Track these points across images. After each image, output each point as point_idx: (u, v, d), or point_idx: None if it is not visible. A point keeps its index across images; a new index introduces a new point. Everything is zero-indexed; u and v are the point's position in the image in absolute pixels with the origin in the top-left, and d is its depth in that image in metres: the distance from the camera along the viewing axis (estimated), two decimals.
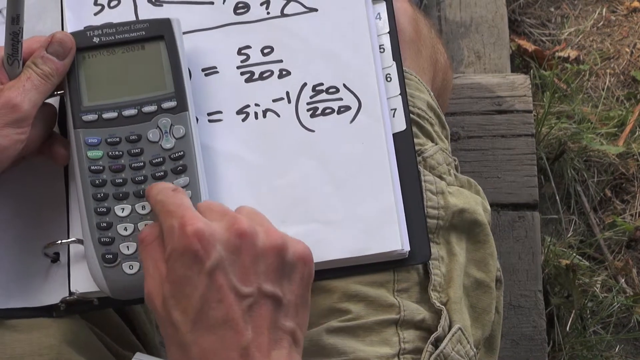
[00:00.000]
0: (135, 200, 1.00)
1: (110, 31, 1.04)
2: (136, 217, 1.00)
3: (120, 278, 0.99)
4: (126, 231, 1.00)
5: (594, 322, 1.75)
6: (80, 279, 1.02)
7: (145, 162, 1.01)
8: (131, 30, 1.04)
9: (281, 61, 1.08)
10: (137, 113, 1.02)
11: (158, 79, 1.03)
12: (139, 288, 0.97)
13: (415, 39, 1.20)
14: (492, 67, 1.86)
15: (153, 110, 1.02)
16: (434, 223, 1.09)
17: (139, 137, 1.01)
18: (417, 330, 1.06)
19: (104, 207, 1.00)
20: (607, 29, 2.08)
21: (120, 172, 1.01)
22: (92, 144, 1.01)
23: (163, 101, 1.02)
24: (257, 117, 1.07)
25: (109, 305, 1.06)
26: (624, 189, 1.90)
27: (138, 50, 1.04)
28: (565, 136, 1.88)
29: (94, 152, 1.01)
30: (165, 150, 1.01)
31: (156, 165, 1.01)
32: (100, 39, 1.04)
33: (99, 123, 1.02)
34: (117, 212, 1.00)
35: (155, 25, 1.04)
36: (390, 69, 1.09)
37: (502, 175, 1.61)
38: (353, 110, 1.07)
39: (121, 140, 1.01)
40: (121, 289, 0.99)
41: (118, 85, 1.03)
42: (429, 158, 1.12)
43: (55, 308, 1.04)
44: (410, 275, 1.07)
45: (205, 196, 1.01)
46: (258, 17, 1.10)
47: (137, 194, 1.00)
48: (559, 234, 1.84)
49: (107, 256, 0.99)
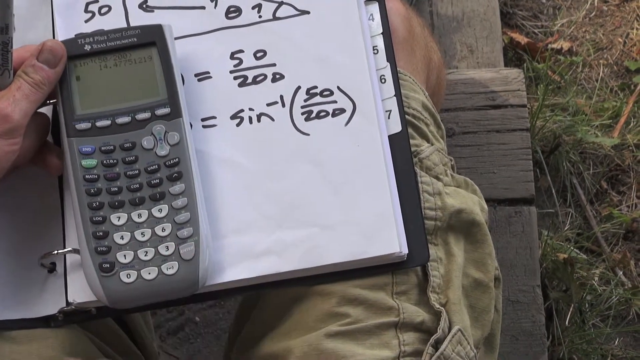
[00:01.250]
0: (131, 208, 1.00)
1: (102, 38, 1.03)
2: (132, 225, 1.00)
3: (118, 287, 0.98)
4: (122, 240, 0.99)
5: (593, 316, 1.75)
6: (77, 289, 1.02)
7: (140, 169, 1.01)
8: (123, 37, 1.03)
9: (274, 65, 1.08)
10: (130, 120, 1.02)
11: (151, 85, 1.03)
12: (137, 297, 0.97)
13: (408, 39, 1.19)
14: (485, 60, 1.86)
15: (147, 117, 1.02)
16: (432, 224, 1.09)
17: (133, 145, 1.01)
18: (417, 332, 1.06)
19: (100, 216, 0.99)
20: (599, 20, 2.07)
21: (115, 180, 1.00)
22: (86, 153, 1.01)
23: (156, 108, 1.02)
24: (251, 122, 1.06)
25: (107, 315, 1.06)
26: (620, 181, 1.90)
27: (130, 57, 1.04)
28: (560, 129, 1.87)
29: (88, 160, 1.01)
30: (160, 158, 1.01)
31: (151, 172, 1.00)
32: (92, 46, 1.03)
33: (92, 131, 1.01)
34: (113, 220, 1.00)
35: (146, 32, 1.04)
36: (385, 70, 1.09)
37: (498, 171, 1.61)
38: (348, 113, 1.06)
39: (115, 148, 1.01)
40: (119, 298, 0.99)
41: (111, 92, 1.03)
42: (425, 159, 1.12)
43: (53, 318, 1.03)
44: (408, 277, 1.07)
45: (201, 202, 1.01)
46: (250, 21, 1.09)
47: (133, 202, 1.00)
48: (556, 227, 1.83)
49: (104, 265, 0.99)
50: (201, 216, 1.00)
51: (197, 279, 0.99)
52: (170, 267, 0.99)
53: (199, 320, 1.63)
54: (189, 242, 0.99)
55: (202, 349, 1.62)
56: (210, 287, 1.02)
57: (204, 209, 1.01)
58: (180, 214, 1.00)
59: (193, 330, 1.63)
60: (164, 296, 0.99)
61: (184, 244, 0.99)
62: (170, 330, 1.62)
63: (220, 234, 1.02)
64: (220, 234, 1.02)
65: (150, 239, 0.99)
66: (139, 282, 0.98)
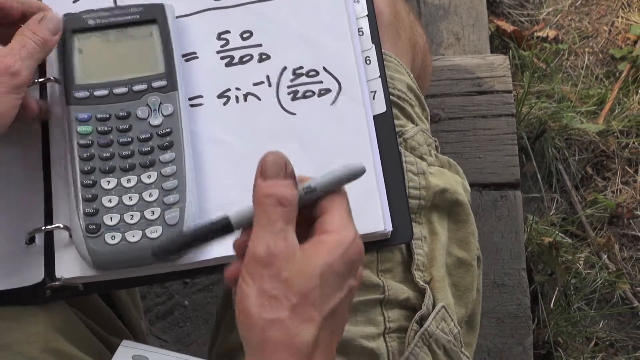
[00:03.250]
0: (121, 174, 1.02)
1: (105, 14, 1.07)
2: (121, 190, 1.02)
3: (102, 248, 1.00)
4: (110, 203, 1.01)
5: (578, 299, 1.76)
6: (64, 265, 1.03)
7: (133, 137, 1.03)
8: (125, 13, 1.07)
9: (260, 45, 1.09)
10: (127, 91, 1.04)
11: (150, 60, 1.05)
12: (120, 259, 0.99)
13: (393, 22, 1.20)
14: (472, 48, 1.87)
15: (143, 88, 1.04)
16: (416, 203, 1.10)
17: (128, 114, 1.04)
18: (402, 309, 1.07)
19: (90, 180, 1.02)
20: (585, 8, 2.08)
21: (108, 146, 1.03)
22: (83, 120, 1.03)
23: (153, 80, 1.04)
24: (237, 101, 1.07)
25: (94, 291, 1.07)
26: (605, 167, 1.92)
27: (131, 33, 1.06)
28: (546, 115, 1.89)
29: (83, 127, 1.03)
30: (153, 127, 1.03)
31: (143, 141, 1.03)
32: (95, 21, 1.06)
33: (90, 100, 1.04)
34: (102, 184, 1.02)
35: (149, 10, 1.07)
36: (370, 52, 1.10)
37: (484, 156, 1.62)
38: (333, 93, 1.07)
39: (111, 117, 1.04)
40: (102, 259, 1.01)
41: (111, 65, 1.06)
42: (409, 139, 1.13)
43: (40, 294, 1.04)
44: (393, 255, 1.08)
45: (190, 171, 1.02)
46: (237, 1, 1.10)
47: (124, 168, 1.02)
48: (541, 212, 1.85)
49: (90, 226, 1.01)
50: (189, 185, 1.02)
51: None
52: (154, 231, 1.00)
53: (188, 304, 1.64)
54: (174, 208, 1.01)
55: (191, 333, 1.62)
56: (195, 263, 1.03)
57: (192, 178, 1.02)
58: (168, 180, 1.02)
59: (182, 314, 1.63)
60: (146, 260, 1.01)
61: (169, 210, 1.01)
62: (159, 315, 1.63)
63: (207, 210, 1.03)
64: (207, 211, 1.03)
65: (137, 203, 1.01)
66: (123, 244, 1.00)
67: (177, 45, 1.06)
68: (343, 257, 0.83)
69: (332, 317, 0.83)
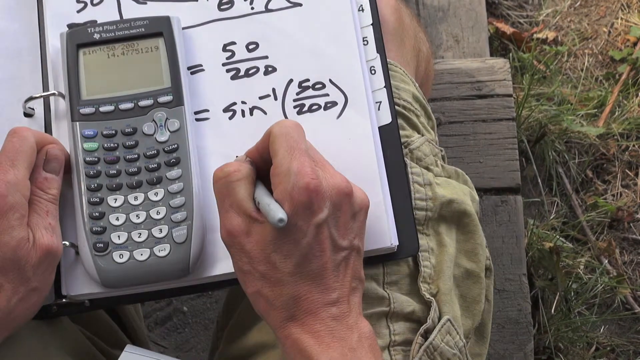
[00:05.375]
0: (128, 191, 1.01)
1: (111, 28, 1.06)
2: (128, 207, 1.01)
3: (110, 267, 1.00)
4: (118, 221, 1.01)
5: (579, 304, 1.76)
6: (71, 282, 1.02)
7: (139, 154, 1.02)
8: (131, 27, 1.06)
9: (267, 57, 1.08)
10: (133, 107, 1.04)
11: (155, 74, 1.05)
12: (128, 277, 0.99)
13: (398, 30, 1.19)
14: (471, 50, 1.86)
15: (149, 104, 1.03)
16: (423, 215, 1.09)
17: (134, 130, 1.03)
18: (407, 322, 1.07)
19: (97, 198, 1.01)
20: (584, 9, 2.08)
21: (115, 163, 1.02)
22: (89, 136, 1.03)
23: (159, 95, 1.04)
24: (244, 115, 1.07)
25: (100, 307, 1.06)
26: (605, 170, 1.91)
27: (137, 47, 1.06)
28: (546, 118, 1.88)
29: (89, 143, 1.02)
30: (160, 143, 1.03)
31: (150, 157, 1.02)
32: (101, 35, 1.06)
33: (96, 116, 1.03)
34: (109, 202, 1.01)
35: (155, 22, 1.06)
36: (374, 62, 1.09)
37: (484, 160, 1.61)
38: (340, 106, 1.06)
39: (117, 133, 1.03)
40: (111, 277, 1.00)
41: (116, 80, 1.05)
42: (415, 150, 1.12)
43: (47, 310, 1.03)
44: (399, 267, 1.08)
45: (197, 188, 1.02)
46: (242, 12, 1.09)
47: (130, 185, 1.02)
48: (542, 216, 1.84)
49: (98, 245, 1.00)
50: (196, 201, 1.01)
51: (188, 262, 1.00)
52: (163, 249, 1.00)
53: (186, 310, 1.63)
54: (182, 226, 1.00)
55: (190, 339, 1.62)
56: (203, 279, 1.02)
57: (200, 194, 1.02)
58: (176, 198, 1.01)
59: (181, 320, 1.63)
60: (154, 278, 1.00)
61: (177, 227, 1.00)
62: (158, 320, 1.62)
63: (215, 227, 1.02)
64: (215, 228, 1.02)
65: (145, 221, 1.01)
66: (131, 262, 1.00)
67: (183, 58, 1.05)
68: (289, 206, 0.91)
69: (304, 265, 0.92)
